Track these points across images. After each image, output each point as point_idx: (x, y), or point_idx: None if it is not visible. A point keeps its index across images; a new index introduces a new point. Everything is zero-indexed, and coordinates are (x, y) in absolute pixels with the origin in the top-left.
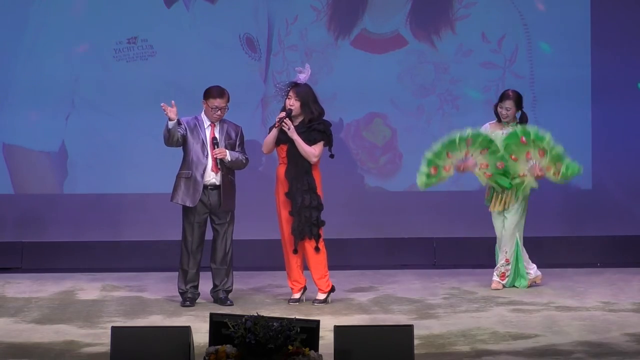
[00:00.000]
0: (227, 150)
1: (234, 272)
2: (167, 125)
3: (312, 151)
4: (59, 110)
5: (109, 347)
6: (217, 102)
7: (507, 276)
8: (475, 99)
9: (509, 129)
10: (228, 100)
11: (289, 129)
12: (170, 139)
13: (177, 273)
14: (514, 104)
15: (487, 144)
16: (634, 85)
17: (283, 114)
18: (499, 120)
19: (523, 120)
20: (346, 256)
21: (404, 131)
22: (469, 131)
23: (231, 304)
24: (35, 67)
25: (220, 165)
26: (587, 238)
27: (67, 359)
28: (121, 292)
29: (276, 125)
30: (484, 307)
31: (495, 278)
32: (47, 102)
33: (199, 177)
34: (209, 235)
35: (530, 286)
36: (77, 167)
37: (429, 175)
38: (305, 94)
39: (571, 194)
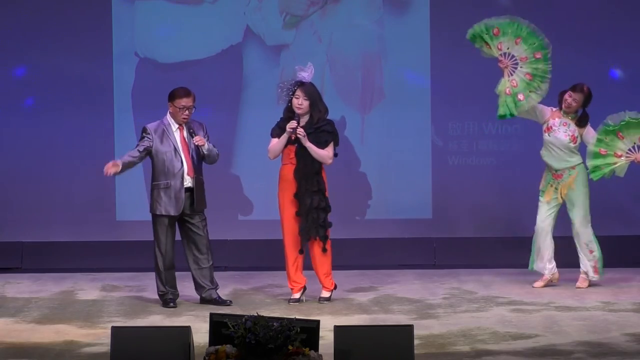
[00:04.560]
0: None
1: (235, 272)
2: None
3: (326, 154)
4: (58, 109)
5: (109, 347)
6: (184, 101)
7: (599, 267)
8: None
9: (566, 120)
10: (194, 100)
11: (304, 136)
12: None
13: (178, 273)
14: (582, 99)
15: (537, 76)
16: (634, 84)
17: (294, 123)
18: (560, 108)
19: (583, 118)
20: (346, 256)
21: None
22: (548, 51)
23: (230, 304)
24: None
25: (197, 161)
26: None
27: (67, 359)
28: (121, 292)
29: (292, 137)
30: (484, 307)
31: (586, 275)
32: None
33: (177, 185)
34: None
35: (545, 286)
36: (76, 167)
37: (488, 30)
38: (313, 92)
39: None
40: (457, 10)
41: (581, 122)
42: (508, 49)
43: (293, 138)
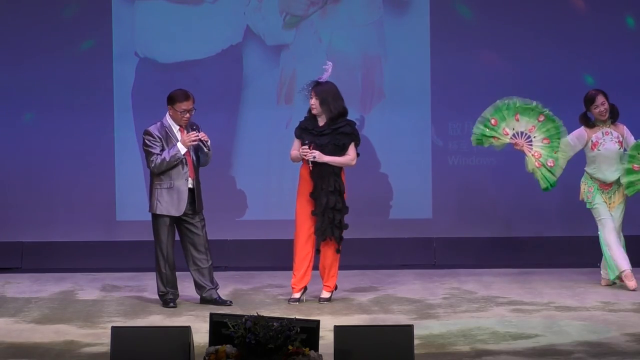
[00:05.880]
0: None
1: (235, 272)
2: (177, 155)
3: (347, 159)
4: (58, 109)
5: (109, 347)
6: (185, 104)
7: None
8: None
9: (606, 128)
10: (194, 102)
11: (314, 158)
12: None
13: (178, 273)
14: (606, 97)
15: (553, 136)
16: (634, 84)
17: (306, 150)
18: (590, 125)
19: (615, 113)
20: (346, 256)
21: None
22: (548, 111)
23: (230, 304)
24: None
25: (196, 162)
26: (587, 238)
27: (67, 359)
28: (121, 292)
29: (310, 167)
30: (484, 307)
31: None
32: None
33: (182, 186)
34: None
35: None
36: (77, 167)
37: (487, 125)
38: (325, 92)
39: (571, 194)
40: (457, 11)
41: (614, 116)
42: (514, 129)
43: (311, 168)
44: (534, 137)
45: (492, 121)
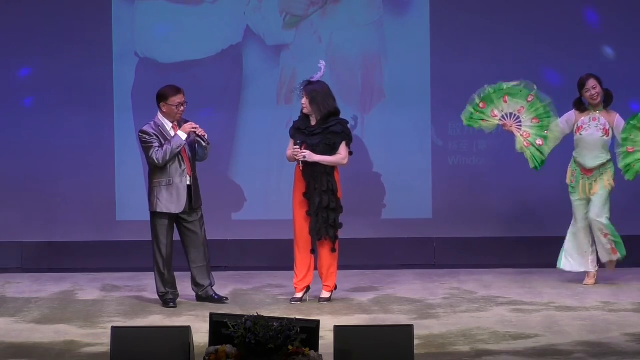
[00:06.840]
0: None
1: (235, 272)
2: (179, 141)
3: (338, 158)
4: (59, 109)
5: (109, 347)
6: (179, 98)
7: (617, 249)
8: None
9: (595, 114)
10: (184, 95)
11: (304, 158)
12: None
13: (177, 273)
14: (598, 82)
15: (542, 116)
16: (635, 84)
17: (297, 150)
18: (582, 109)
19: (608, 98)
20: (346, 256)
21: None
22: (535, 89)
23: (227, 301)
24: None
25: (192, 158)
26: None
27: (67, 359)
28: (121, 292)
29: (301, 167)
30: (484, 307)
31: (595, 271)
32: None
33: (180, 183)
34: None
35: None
36: (77, 167)
37: (476, 108)
38: (314, 91)
39: None
40: (457, 10)
41: (607, 101)
42: (502, 111)
43: (301, 168)
44: (523, 117)
45: (480, 104)
